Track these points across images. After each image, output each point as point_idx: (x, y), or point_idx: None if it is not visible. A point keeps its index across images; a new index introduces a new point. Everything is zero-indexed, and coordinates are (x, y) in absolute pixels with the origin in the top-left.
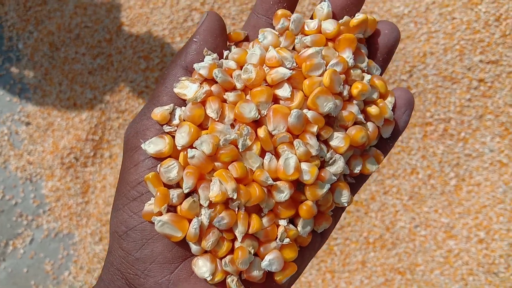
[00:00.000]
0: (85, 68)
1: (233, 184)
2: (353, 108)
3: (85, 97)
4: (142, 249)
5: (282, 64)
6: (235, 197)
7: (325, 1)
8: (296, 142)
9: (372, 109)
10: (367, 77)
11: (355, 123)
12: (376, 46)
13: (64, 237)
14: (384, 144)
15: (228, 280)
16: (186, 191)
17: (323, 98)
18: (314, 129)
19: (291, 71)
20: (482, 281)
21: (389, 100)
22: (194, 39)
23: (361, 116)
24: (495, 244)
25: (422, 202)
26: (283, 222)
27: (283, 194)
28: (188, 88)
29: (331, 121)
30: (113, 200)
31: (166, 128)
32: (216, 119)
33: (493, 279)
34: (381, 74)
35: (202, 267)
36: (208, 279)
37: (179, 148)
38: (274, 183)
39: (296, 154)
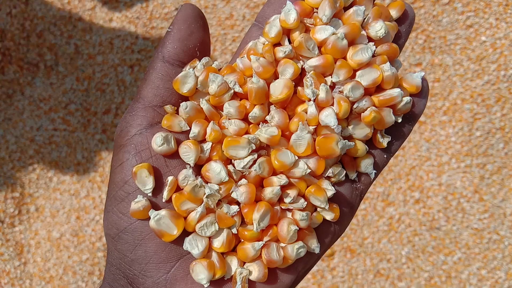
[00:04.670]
0: None
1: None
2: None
3: None
4: (136, 250)
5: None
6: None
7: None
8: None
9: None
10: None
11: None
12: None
13: None
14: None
15: (237, 271)
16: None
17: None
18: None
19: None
20: (427, 239)
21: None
22: (168, 30)
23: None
24: (431, 201)
25: None
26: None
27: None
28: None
29: None
30: (59, 246)
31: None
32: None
33: (437, 234)
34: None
35: (200, 273)
36: (205, 286)
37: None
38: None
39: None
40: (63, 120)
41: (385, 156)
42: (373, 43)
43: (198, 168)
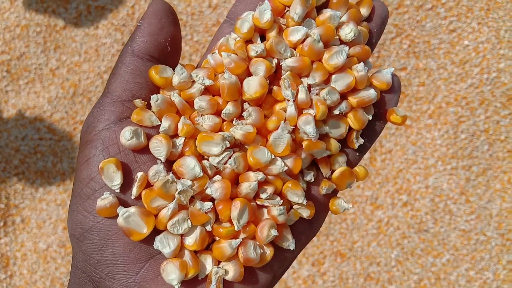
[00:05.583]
0: None
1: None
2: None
3: None
4: (102, 251)
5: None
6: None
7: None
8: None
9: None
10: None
11: None
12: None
13: None
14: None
15: (213, 271)
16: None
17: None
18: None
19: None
20: (416, 241)
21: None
22: (138, 24)
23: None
24: (418, 204)
25: None
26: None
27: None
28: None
29: None
30: (45, 258)
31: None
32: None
33: (425, 236)
34: (376, 43)
35: (171, 273)
36: (176, 287)
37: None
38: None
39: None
40: (49, 129)
41: (357, 154)
42: (346, 45)
43: (169, 165)
